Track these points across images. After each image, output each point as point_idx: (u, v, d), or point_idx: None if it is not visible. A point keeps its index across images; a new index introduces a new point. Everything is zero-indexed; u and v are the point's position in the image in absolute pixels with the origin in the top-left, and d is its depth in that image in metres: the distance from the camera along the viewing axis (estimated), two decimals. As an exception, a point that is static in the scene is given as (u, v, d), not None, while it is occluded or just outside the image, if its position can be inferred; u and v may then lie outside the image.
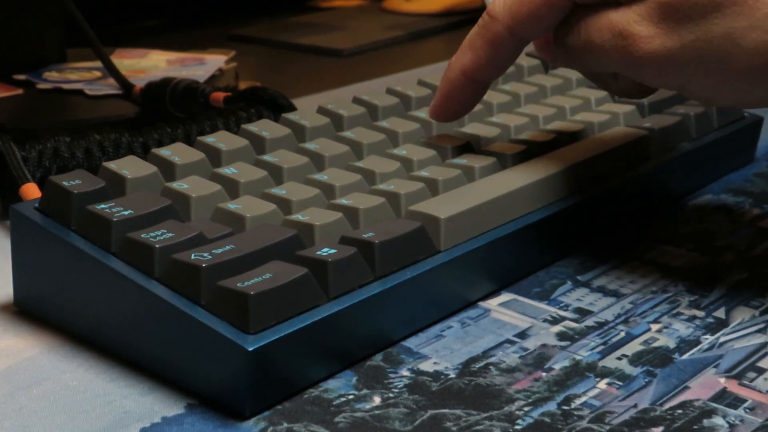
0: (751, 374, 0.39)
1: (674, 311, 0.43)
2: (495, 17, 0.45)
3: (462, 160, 0.47)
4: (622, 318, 0.43)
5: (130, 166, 0.42)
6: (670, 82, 0.43)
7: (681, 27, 0.41)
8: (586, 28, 0.43)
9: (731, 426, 0.35)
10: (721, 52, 0.41)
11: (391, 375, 0.38)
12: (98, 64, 0.72)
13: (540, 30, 0.45)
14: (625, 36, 0.42)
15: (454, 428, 0.35)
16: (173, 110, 0.63)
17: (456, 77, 0.47)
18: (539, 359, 0.39)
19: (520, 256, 0.46)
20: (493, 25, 0.45)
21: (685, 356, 0.40)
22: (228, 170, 0.44)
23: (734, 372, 0.39)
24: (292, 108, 0.57)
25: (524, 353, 0.40)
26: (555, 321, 0.42)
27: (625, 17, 0.42)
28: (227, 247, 0.37)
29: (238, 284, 0.35)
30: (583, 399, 0.37)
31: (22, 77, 0.71)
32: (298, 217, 0.41)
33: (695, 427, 0.35)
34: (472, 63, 0.46)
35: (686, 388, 0.38)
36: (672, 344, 0.41)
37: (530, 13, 0.44)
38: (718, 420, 0.36)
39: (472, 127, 0.52)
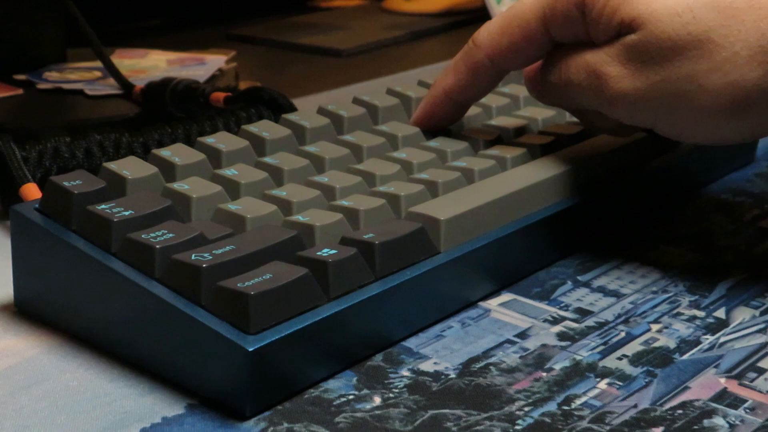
0: (752, 374, 0.39)
1: (674, 311, 0.43)
2: (478, 45, 0.48)
3: (461, 163, 0.47)
4: (623, 318, 0.43)
5: (130, 167, 0.42)
6: (640, 119, 0.45)
7: (648, 68, 0.43)
8: (566, 67, 0.46)
9: (731, 426, 0.35)
10: (685, 93, 0.43)
11: (392, 375, 0.38)
12: (98, 64, 0.72)
13: (519, 62, 0.48)
14: (598, 75, 0.44)
15: (454, 428, 0.35)
16: (173, 110, 0.63)
17: (438, 96, 0.50)
18: (539, 359, 0.40)
19: (520, 256, 0.46)
20: (476, 52, 0.48)
21: (686, 356, 0.40)
22: (229, 171, 0.44)
23: (734, 372, 0.39)
24: (292, 108, 0.57)
25: (524, 353, 0.40)
26: (555, 321, 0.43)
27: (598, 58, 0.45)
28: (228, 248, 0.38)
29: (238, 284, 0.36)
30: (584, 399, 0.37)
31: (22, 77, 0.71)
32: (299, 218, 0.41)
33: (695, 427, 0.35)
34: (453, 85, 0.49)
35: (686, 388, 0.38)
36: (672, 344, 0.41)
37: (510, 46, 0.47)
38: (718, 420, 0.36)
39: (471, 130, 0.52)
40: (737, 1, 0.42)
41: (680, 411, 0.36)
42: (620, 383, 0.38)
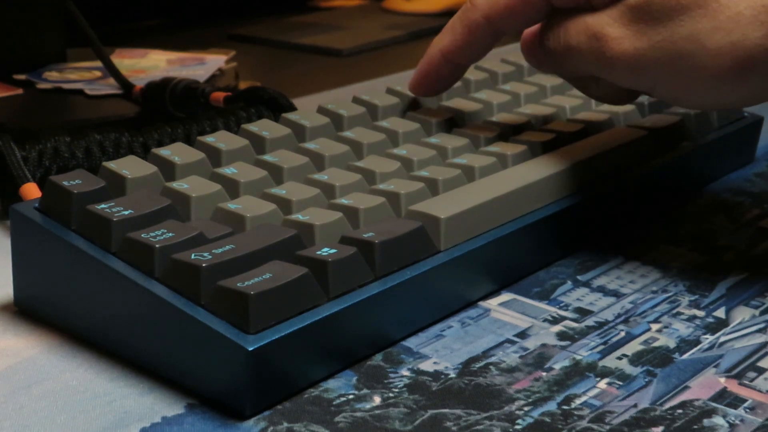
0: (751, 374, 0.39)
1: (674, 311, 0.43)
2: (476, 5, 0.48)
3: (462, 160, 0.47)
4: (622, 318, 0.43)
5: (130, 166, 0.42)
6: (641, 82, 0.45)
7: (649, 28, 0.43)
8: (565, 31, 0.46)
9: (731, 426, 0.35)
10: (687, 53, 0.42)
11: (391, 375, 0.38)
12: (98, 64, 0.72)
13: (515, 24, 0.48)
14: (599, 38, 0.44)
15: (454, 428, 0.35)
16: (173, 110, 0.63)
17: (434, 56, 0.50)
18: (539, 359, 0.39)
19: (520, 256, 0.46)
20: (473, 12, 0.48)
21: (686, 356, 0.40)
22: (228, 170, 0.44)
23: (734, 372, 0.39)
24: (292, 108, 0.57)
25: (524, 353, 0.40)
26: (555, 321, 0.42)
27: (599, 20, 0.44)
28: (227, 247, 0.37)
29: (238, 284, 0.35)
30: (583, 399, 0.37)
31: (22, 77, 0.71)
32: (298, 216, 0.41)
33: (695, 426, 0.35)
34: (450, 44, 0.49)
35: (686, 387, 0.38)
36: (672, 344, 0.41)
37: (508, 8, 0.47)
38: (718, 420, 0.36)
39: (471, 127, 0.52)
40: None
41: (680, 411, 0.36)
42: (620, 383, 0.38)
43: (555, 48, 0.46)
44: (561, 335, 0.41)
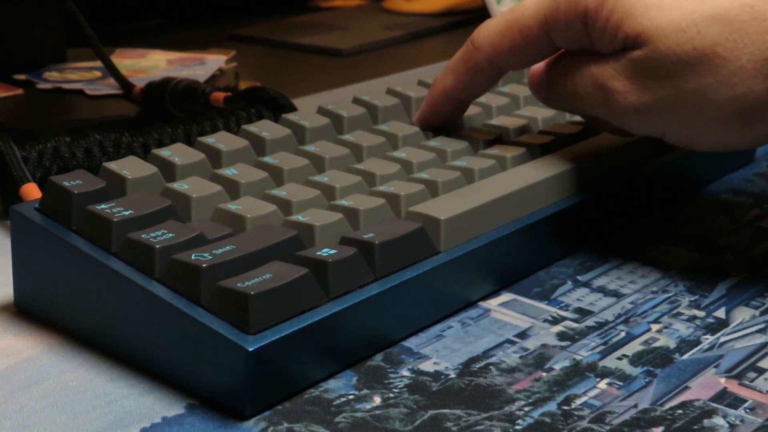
0: (752, 374, 0.39)
1: (674, 311, 0.43)
2: (477, 47, 0.48)
3: (461, 162, 0.47)
4: (623, 318, 0.43)
5: (130, 167, 0.42)
6: (651, 130, 0.46)
7: (655, 83, 0.43)
8: (571, 76, 0.46)
9: (731, 426, 0.35)
10: (693, 106, 0.43)
11: (392, 375, 0.38)
12: (98, 64, 0.72)
13: (518, 64, 0.48)
14: (605, 90, 0.45)
15: (454, 428, 0.35)
16: (173, 110, 0.63)
17: (438, 96, 0.51)
18: (539, 359, 0.39)
19: (520, 256, 0.46)
20: (475, 54, 0.48)
21: (686, 356, 0.40)
22: (228, 171, 0.44)
23: (734, 372, 0.39)
24: (292, 108, 0.57)
25: (524, 353, 0.40)
26: (555, 321, 0.42)
27: (605, 72, 0.45)
28: (227, 248, 0.38)
29: (238, 284, 0.36)
30: (584, 399, 0.37)
31: (22, 77, 0.71)
32: (299, 217, 0.41)
33: (695, 427, 0.35)
34: (453, 85, 0.50)
35: (686, 388, 0.38)
36: (672, 344, 0.41)
37: (510, 49, 0.47)
38: (718, 420, 0.36)
39: (471, 130, 0.52)
40: (741, 15, 0.42)
41: (680, 411, 0.36)
42: (620, 383, 0.38)
43: (562, 92, 0.47)
44: (561, 335, 0.41)
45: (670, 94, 0.43)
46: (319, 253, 0.38)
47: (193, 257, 0.37)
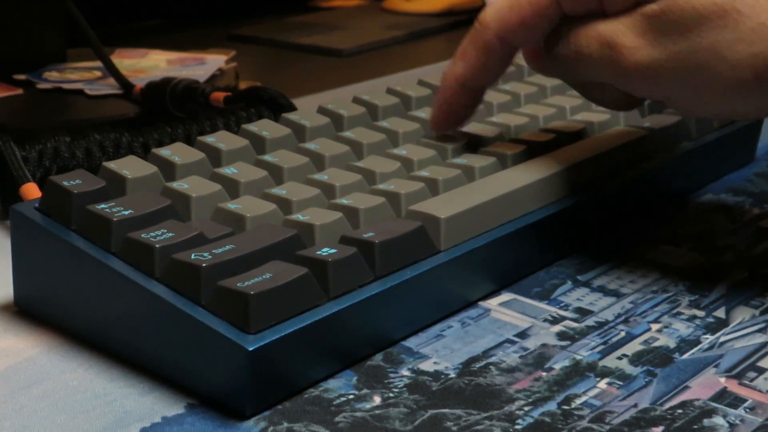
0: (752, 374, 0.39)
1: (674, 311, 0.43)
2: (486, 25, 0.46)
3: (462, 160, 0.47)
4: (623, 318, 0.43)
5: (130, 166, 0.42)
6: (656, 92, 0.44)
7: (667, 38, 0.42)
8: (575, 38, 0.44)
9: (731, 426, 0.35)
10: (707, 65, 0.41)
11: (391, 375, 0.38)
12: (98, 64, 0.72)
13: (529, 38, 0.46)
14: (612, 46, 0.43)
15: (454, 428, 0.35)
16: (173, 110, 0.63)
17: (450, 86, 0.48)
18: (539, 359, 0.39)
19: (520, 256, 0.46)
20: (484, 33, 0.46)
21: (686, 356, 0.40)
22: (228, 170, 0.44)
23: (734, 372, 0.39)
24: (292, 108, 0.57)
25: (524, 353, 0.40)
26: (555, 321, 0.42)
27: (613, 28, 0.43)
28: (227, 247, 0.37)
29: (238, 284, 0.35)
30: (584, 399, 0.37)
31: (22, 77, 0.71)
32: (299, 217, 0.41)
33: (695, 426, 0.35)
34: (465, 71, 0.47)
35: (686, 387, 0.38)
36: (672, 344, 0.41)
37: (520, 22, 0.45)
38: (718, 420, 0.36)
39: (472, 127, 0.52)
40: None
41: (680, 410, 0.36)
42: (620, 383, 0.38)
43: (565, 54, 0.45)
44: (561, 335, 0.41)
45: (682, 50, 0.42)
46: (319, 252, 0.38)
47: (192, 257, 0.37)
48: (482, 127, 0.52)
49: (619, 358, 0.40)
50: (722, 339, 0.41)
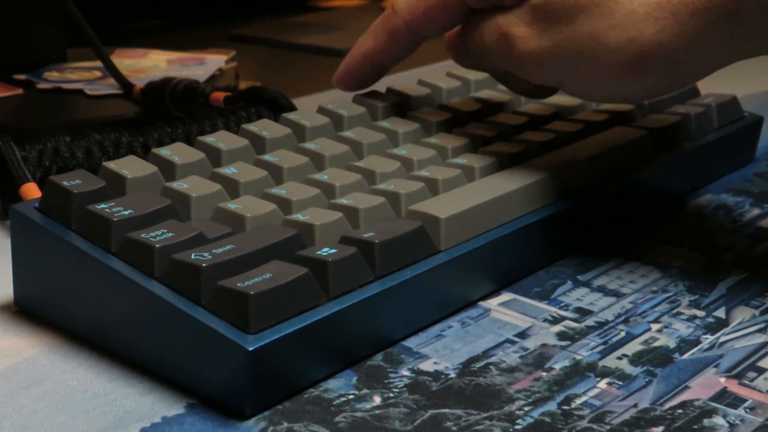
0: (752, 374, 0.39)
1: (674, 311, 0.43)
2: (396, 12, 0.50)
3: (462, 160, 0.47)
4: (623, 318, 0.43)
5: (130, 166, 0.42)
6: (548, 78, 0.47)
7: (552, 28, 0.45)
8: (479, 31, 0.48)
9: (731, 426, 0.35)
10: (588, 51, 0.44)
11: (391, 375, 0.38)
12: (98, 64, 0.72)
13: (435, 29, 0.49)
14: (507, 37, 0.46)
15: (454, 428, 0.35)
16: (173, 110, 0.63)
17: (358, 57, 0.52)
18: (539, 359, 0.39)
19: (520, 256, 0.46)
20: (393, 18, 0.50)
21: (686, 356, 0.40)
22: (228, 170, 0.44)
23: (734, 372, 0.39)
24: (292, 108, 0.57)
25: (524, 353, 0.40)
26: (555, 321, 0.42)
27: (507, 20, 0.46)
28: (227, 247, 0.37)
29: (238, 284, 0.35)
30: (584, 399, 0.37)
31: (22, 77, 0.71)
32: (298, 216, 0.41)
33: (695, 426, 0.35)
34: (372, 48, 0.51)
35: (686, 387, 0.38)
36: (672, 344, 0.41)
37: (426, 13, 0.49)
38: (718, 420, 0.36)
39: (472, 127, 0.52)
40: None
41: (680, 411, 0.36)
42: (620, 383, 0.38)
43: (472, 47, 0.48)
44: (561, 335, 0.41)
45: (566, 37, 0.44)
46: (319, 252, 0.38)
47: (192, 257, 0.37)
48: (482, 126, 0.52)
49: (619, 358, 0.40)
50: (722, 339, 0.41)
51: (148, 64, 0.76)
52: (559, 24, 0.44)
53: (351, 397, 0.37)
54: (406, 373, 0.38)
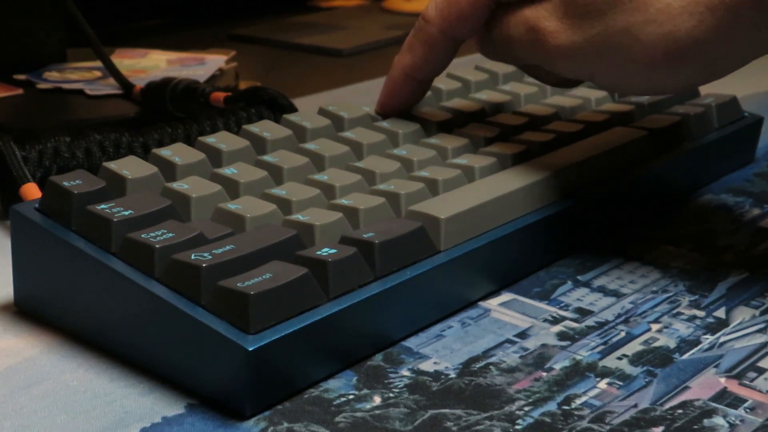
0: (752, 374, 0.39)
1: (674, 311, 0.43)
2: (428, 20, 0.49)
3: (462, 160, 0.47)
4: (623, 318, 0.43)
5: (130, 167, 0.42)
6: (580, 72, 0.46)
7: (584, 22, 0.44)
8: (506, 24, 0.47)
9: (731, 426, 0.35)
10: (622, 45, 0.44)
11: (392, 375, 0.38)
12: (98, 64, 0.72)
13: (470, 29, 0.48)
14: (536, 31, 0.45)
15: (454, 428, 0.35)
16: (173, 110, 0.63)
17: (398, 76, 0.51)
18: (539, 359, 0.39)
19: (520, 256, 0.46)
20: (427, 27, 0.49)
21: (686, 356, 0.40)
22: (228, 170, 0.44)
23: (734, 372, 0.39)
24: (292, 108, 0.57)
25: (524, 353, 0.40)
26: (555, 321, 0.42)
27: (536, 13, 0.46)
28: (227, 247, 0.37)
29: (238, 284, 0.35)
30: (584, 399, 0.37)
31: (22, 77, 0.71)
32: (298, 217, 0.41)
33: (695, 427, 0.35)
34: (411, 63, 0.50)
35: (686, 388, 0.38)
36: (672, 344, 0.41)
37: (459, 15, 0.48)
38: (718, 420, 0.36)
39: (472, 127, 0.52)
40: None
41: (680, 411, 0.36)
42: (620, 383, 0.38)
43: (498, 39, 0.48)
44: (561, 335, 0.41)
45: (598, 32, 0.44)
46: (318, 252, 0.38)
47: (192, 257, 0.37)
48: (482, 127, 0.52)
49: (619, 358, 0.40)
50: (722, 339, 0.41)
51: (148, 64, 0.76)
52: (591, 18, 0.44)
53: (351, 397, 0.37)
54: (406, 373, 0.38)
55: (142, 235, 0.38)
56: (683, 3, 0.42)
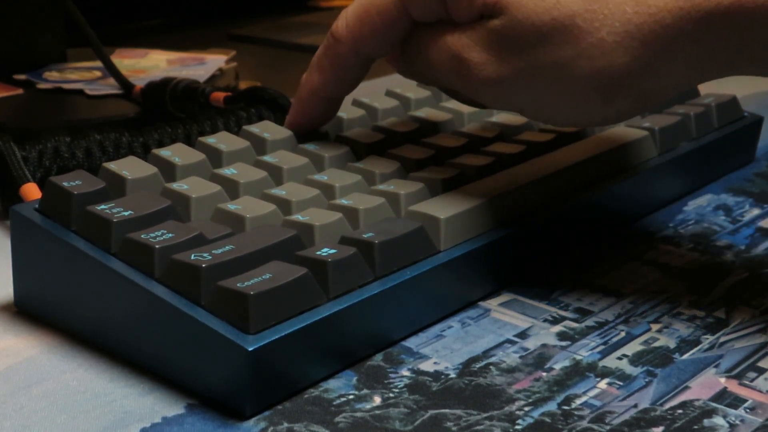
0: (752, 374, 0.39)
1: (674, 311, 0.43)
2: (338, 39, 0.45)
3: (462, 161, 0.47)
4: (623, 318, 0.43)
5: (130, 167, 0.42)
6: (508, 104, 0.44)
7: (512, 55, 0.41)
8: (425, 46, 0.44)
9: (731, 426, 0.35)
10: (552, 80, 0.41)
11: (392, 375, 0.38)
12: (98, 64, 0.72)
13: (383, 47, 0.45)
14: (460, 60, 0.42)
15: (454, 428, 0.35)
16: (173, 110, 0.63)
17: (306, 96, 0.48)
18: (539, 359, 0.39)
19: (520, 256, 0.46)
20: (337, 46, 0.46)
21: (686, 356, 0.40)
22: (228, 171, 0.44)
23: (734, 372, 0.39)
24: (292, 108, 0.57)
25: (524, 353, 0.40)
26: (555, 321, 0.42)
27: (460, 42, 0.43)
28: (227, 248, 0.37)
29: (238, 284, 0.35)
30: (584, 399, 0.37)
31: (22, 77, 0.71)
32: (298, 217, 0.41)
33: (695, 427, 0.35)
34: (320, 83, 0.47)
35: (686, 388, 0.38)
36: (672, 344, 0.41)
37: (371, 33, 0.45)
38: (718, 420, 0.36)
39: (471, 127, 0.52)
40: None
41: (680, 411, 0.36)
42: (620, 383, 0.38)
43: (416, 61, 0.45)
44: (561, 335, 0.41)
45: (527, 66, 0.41)
46: (318, 252, 0.38)
47: (192, 257, 0.37)
48: (482, 127, 0.52)
49: (619, 358, 0.40)
50: (722, 339, 0.41)
51: (148, 64, 0.76)
52: (520, 52, 0.41)
53: (351, 397, 0.37)
54: (406, 373, 0.38)
55: (142, 236, 0.38)
56: (617, 38, 0.40)
